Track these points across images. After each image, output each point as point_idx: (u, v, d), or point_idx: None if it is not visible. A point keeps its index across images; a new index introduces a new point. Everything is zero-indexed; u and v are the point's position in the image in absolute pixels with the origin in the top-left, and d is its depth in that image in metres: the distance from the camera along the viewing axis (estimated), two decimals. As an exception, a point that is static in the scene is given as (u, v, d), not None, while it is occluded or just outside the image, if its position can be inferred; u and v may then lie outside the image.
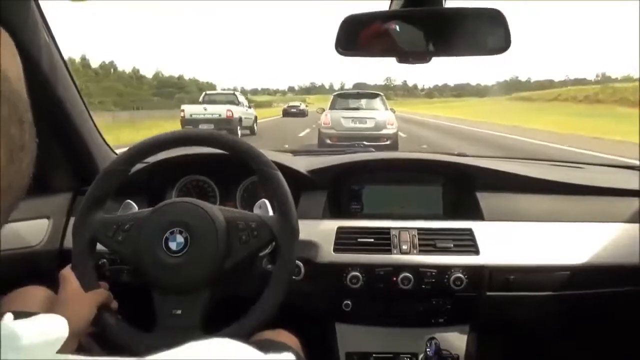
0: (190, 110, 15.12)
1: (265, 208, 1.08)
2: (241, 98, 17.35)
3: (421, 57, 0.96)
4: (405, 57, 0.96)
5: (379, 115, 10.19)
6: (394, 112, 11.13)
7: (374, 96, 11.15)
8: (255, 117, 17.60)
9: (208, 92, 19.06)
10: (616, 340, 1.47)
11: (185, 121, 14.60)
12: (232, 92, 19.74)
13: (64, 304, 0.93)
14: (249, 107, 17.76)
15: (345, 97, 11.30)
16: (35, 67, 1.09)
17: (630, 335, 1.44)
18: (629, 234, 1.30)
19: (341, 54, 0.93)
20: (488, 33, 0.90)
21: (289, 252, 0.99)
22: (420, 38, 0.92)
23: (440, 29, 0.92)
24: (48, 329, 0.31)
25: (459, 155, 1.67)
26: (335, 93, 11.83)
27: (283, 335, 1.06)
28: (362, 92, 12.06)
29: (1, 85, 0.31)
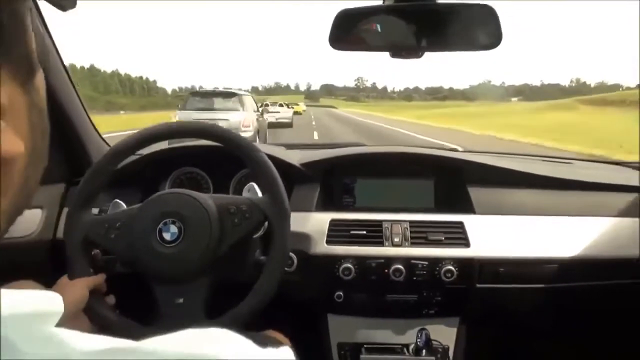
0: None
1: (254, 191, 1.09)
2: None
3: (414, 52, 0.96)
4: (399, 51, 0.97)
5: (234, 117, 9.75)
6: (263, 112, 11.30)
7: (230, 95, 10.75)
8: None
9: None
10: (604, 332, 1.49)
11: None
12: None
13: (54, 289, 0.94)
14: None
15: (199, 96, 10.90)
16: None
17: (618, 327, 1.47)
18: (615, 228, 1.32)
19: (335, 47, 0.94)
20: (480, 28, 0.91)
21: (282, 231, 1.01)
22: (413, 33, 0.93)
23: (432, 24, 0.93)
24: (39, 301, 0.30)
25: (450, 150, 1.68)
26: (191, 92, 11.56)
27: (274, 336, 1.07)
28: (218, 92, 11.56)
29: (40, 101, 0.35)
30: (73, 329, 0.30)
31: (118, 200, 1.11)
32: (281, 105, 28.10)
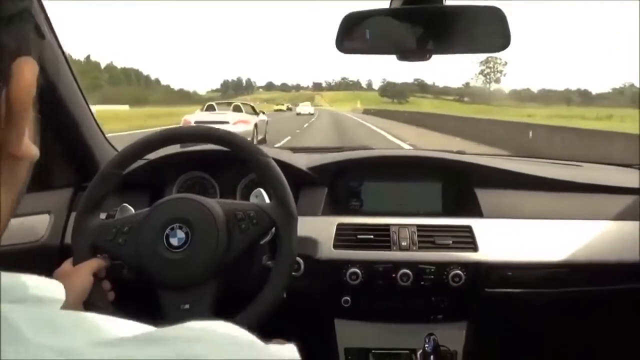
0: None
1: (261, 197, 1.09)
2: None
3: (421, 54, 0.96)
4: (405, 54, 0.97)
5: None
6: None
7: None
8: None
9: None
10: (613, 337, 1.47)
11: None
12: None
13: (56, 276, 0.94)
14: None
15: None
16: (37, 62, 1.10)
17: (627, 332, 1.45)
18: (626, 232, 1.31)
19: (341, 51, 0.94)
20: (488, 31, 0.90)
21: (289, 236, 1.00)
22: (420, 36, 0.93)
23: (440, 26, 0.92)
24: (49, 287, 0.33)
25: (458, 152, 1.67)
26: None
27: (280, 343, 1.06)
28: None
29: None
30: None
31: (126, 205, 1.11)
32: (239, 109, 16.01)
